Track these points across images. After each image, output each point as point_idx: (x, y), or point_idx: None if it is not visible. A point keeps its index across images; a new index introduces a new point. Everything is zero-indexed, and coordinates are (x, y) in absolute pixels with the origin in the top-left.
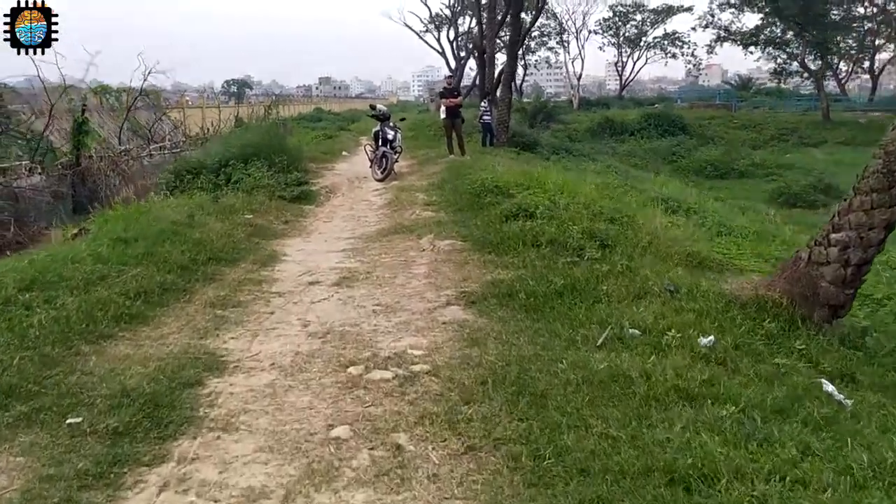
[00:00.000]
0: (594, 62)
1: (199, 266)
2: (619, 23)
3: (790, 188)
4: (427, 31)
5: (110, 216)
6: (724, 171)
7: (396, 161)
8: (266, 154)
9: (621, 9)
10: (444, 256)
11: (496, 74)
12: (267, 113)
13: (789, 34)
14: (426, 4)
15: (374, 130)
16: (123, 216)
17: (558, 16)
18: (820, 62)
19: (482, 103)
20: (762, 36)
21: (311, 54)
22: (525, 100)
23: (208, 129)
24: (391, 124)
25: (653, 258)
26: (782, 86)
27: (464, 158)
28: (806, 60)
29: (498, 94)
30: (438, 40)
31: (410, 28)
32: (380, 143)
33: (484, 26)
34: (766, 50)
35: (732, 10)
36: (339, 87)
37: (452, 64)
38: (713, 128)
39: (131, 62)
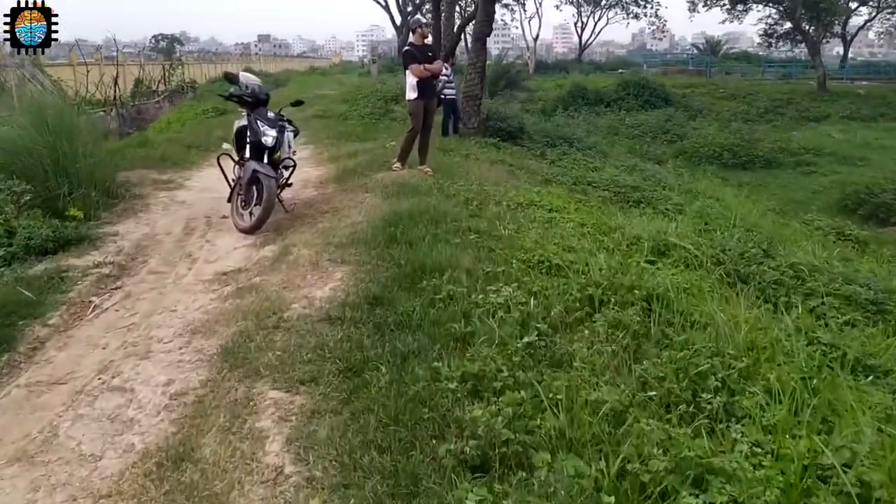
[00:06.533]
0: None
1: None
2: None
3: (872, 193)
4: None
5: None
6: (745, 159)
7: (288, 184)
8: (31, 166)
9: None
10: None
11: (455, 30)
12: (168, 73)
13: None
14: None
15: (236, 126)
16: None
17: None
18: (815, 24)
19: (444, 70)
20: None
21: (252, 10)
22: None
23: (82, 95)
24: (272, 115)
25: None
26: (749, 50)
27: (424, 172)
28: (801, 22)
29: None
30: None
31: None
32: (248, 153)
33: None
34: (755, 8)
35: None
36: (280, 46)
37: (398, 20)
38: (697, 98)
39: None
